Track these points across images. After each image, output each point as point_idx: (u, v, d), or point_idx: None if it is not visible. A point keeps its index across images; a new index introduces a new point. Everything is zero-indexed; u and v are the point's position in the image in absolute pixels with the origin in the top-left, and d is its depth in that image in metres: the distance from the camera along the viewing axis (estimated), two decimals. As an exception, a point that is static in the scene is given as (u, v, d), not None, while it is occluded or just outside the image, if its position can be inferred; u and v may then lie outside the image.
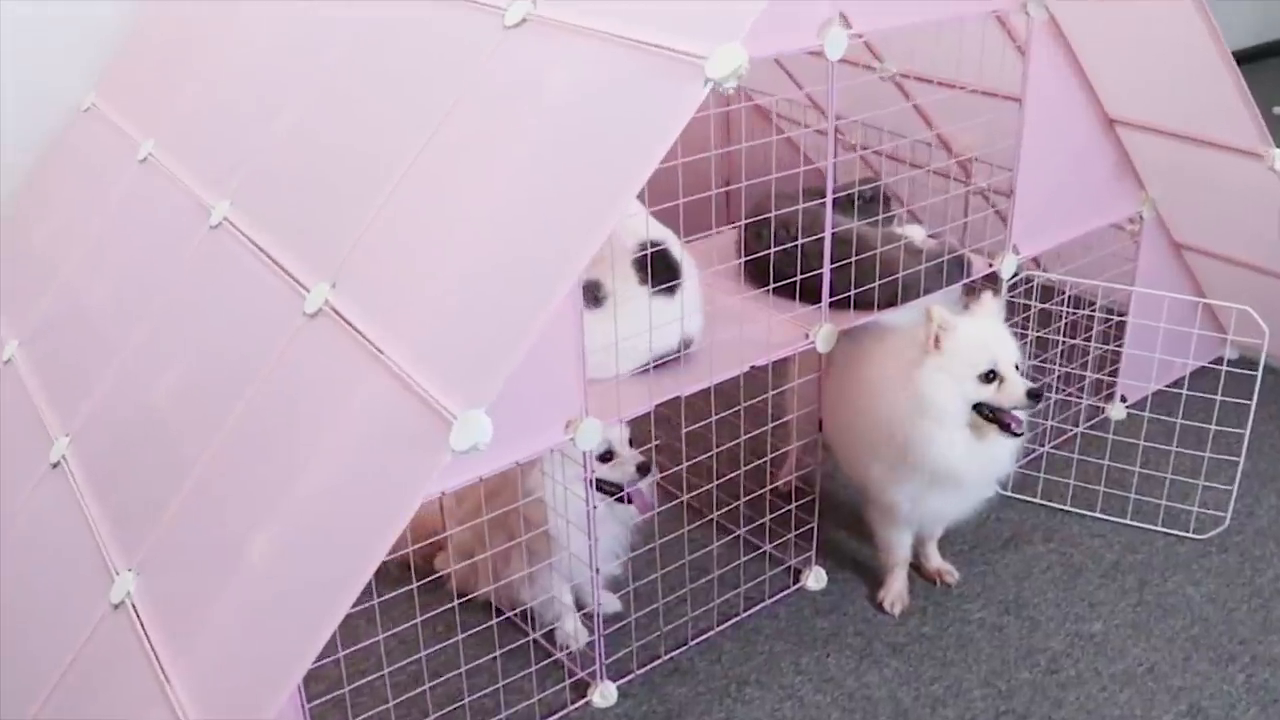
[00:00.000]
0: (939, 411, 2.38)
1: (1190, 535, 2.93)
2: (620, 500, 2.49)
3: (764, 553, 2.89)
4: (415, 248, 2.12)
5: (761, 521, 2.85)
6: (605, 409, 2.24)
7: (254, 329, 2.29)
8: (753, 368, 2.46)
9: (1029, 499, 3.08)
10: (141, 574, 2.08)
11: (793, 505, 2.74)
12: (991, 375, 2.39)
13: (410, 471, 1.74)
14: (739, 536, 2.89)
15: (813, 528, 2.77)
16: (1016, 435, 2.42)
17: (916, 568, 2.84)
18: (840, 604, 2.77)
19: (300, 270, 2.26)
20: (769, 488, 2.90)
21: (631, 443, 2.47)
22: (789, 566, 2.86)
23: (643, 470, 2.46)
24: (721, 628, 2.70)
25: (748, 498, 2.74)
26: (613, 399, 2.25)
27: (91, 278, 2.93)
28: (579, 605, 2.69)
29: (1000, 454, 2.47)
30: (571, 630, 2.67)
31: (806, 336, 2.53)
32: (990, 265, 2.87)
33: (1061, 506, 3.05)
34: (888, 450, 2.47)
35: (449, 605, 2.50)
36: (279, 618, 1.83)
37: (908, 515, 2.60)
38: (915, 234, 2.91)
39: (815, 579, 2.81)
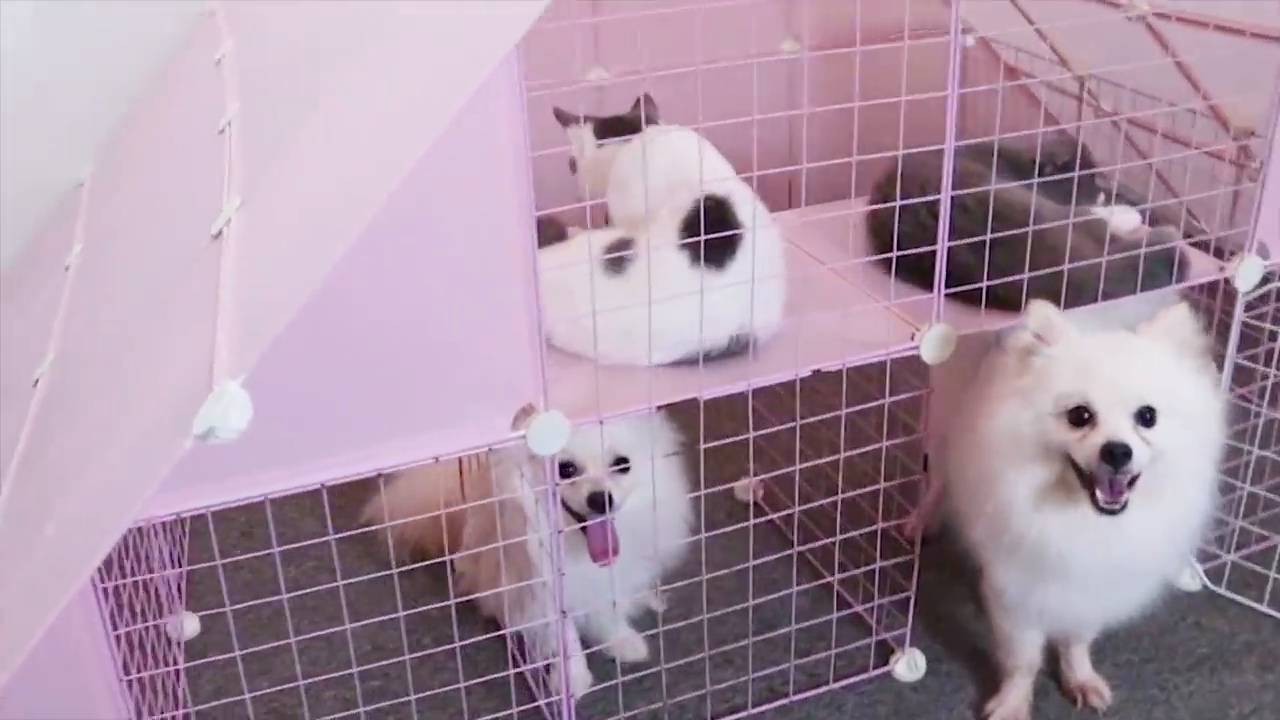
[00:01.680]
0: (1006, 450, 1.65)
1: None
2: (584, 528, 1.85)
3: (853, 614, 2.18)
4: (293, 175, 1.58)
5: (854, 573, 2.14)
6: (578, 404, 1.62)
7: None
8: (818, 371, 1.76)
9: (1252, 603, 2.20)
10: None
11: (881, 560, 2.02)
12: (1082, 416, 1.61)
13: (148, 464, 1.19)
14: (829, 587, 2.21)
15: (909, 598, 2.04)
16: (1103, 510, 1.62)
17: (1056, 676, 2.05)
18: (933, 706, 2.03)
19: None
20: (878, 527, 2.12)
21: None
22: (880, 640, 2.14)
23: (594, 504, 1.80)
24: (761, 709, 2.03)
25: (844, 536, 2.04)
26: (588, 392, 1.64)
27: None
28: (590, 643, 2.10)
29: (1139, 533, 1.66)
30: (572, 674, 2.08)
31: (912, 339, 1.80)
32: (1221, 270, 2.01)
33: (1298, 622, 2.16)
34: (981, 505, 1.73)
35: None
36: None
37: (1018, 605, 1.83)
38: (1121, 220, 2.09)
39: (908, 666, 2.09)
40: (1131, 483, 1.61)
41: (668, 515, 1.94)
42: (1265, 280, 2.03)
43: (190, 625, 2.26)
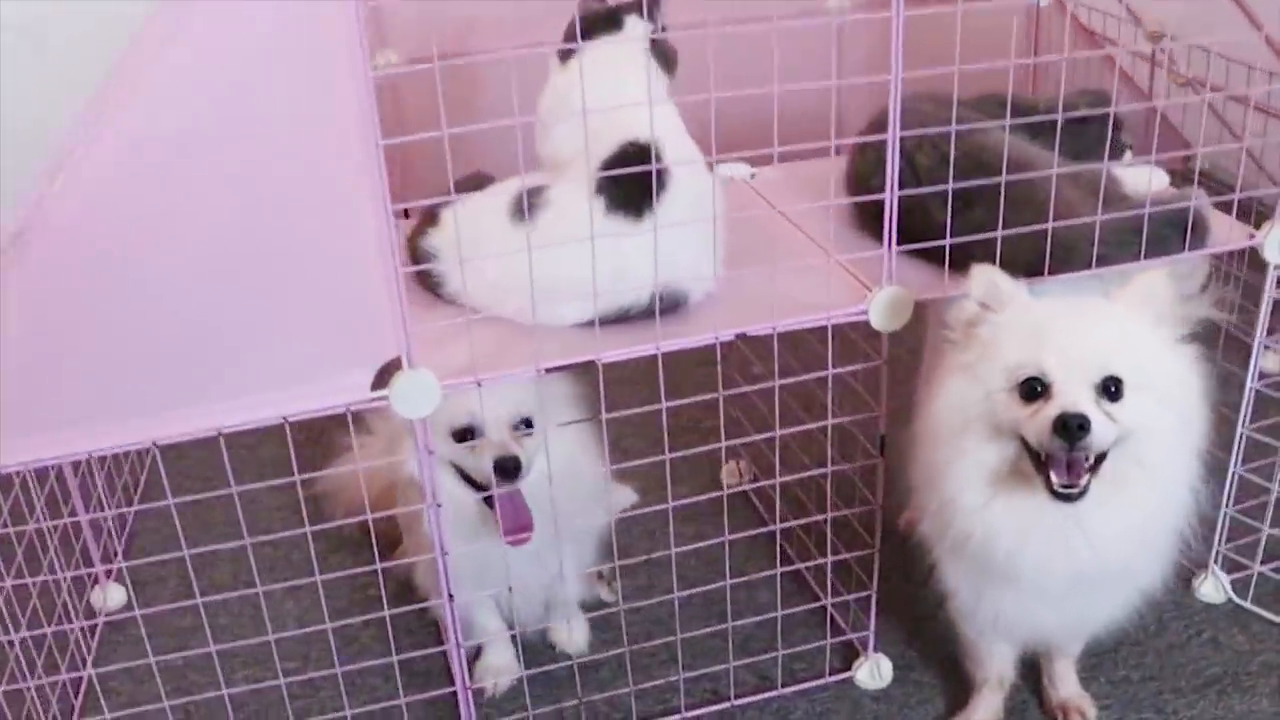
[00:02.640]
0: (950, 434, 1.42)
1: None
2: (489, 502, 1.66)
3: (822, 612, 1.96)
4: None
5: (815, 563, 1.93)
6: (465, 364, 1.44)
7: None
8: (743, 336, 1.54)
9: (1276, 618, 1.92)
10: None
11: (845, 552, 1.80)
12: (1035, 389, 1.36)
13: None
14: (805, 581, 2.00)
15: (870, 596, 1.81)
16: (1058, 496, 1.36)
17: (1040, 691, 1.81)
18: (895, 718, 1.80)
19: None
20: (827, 516, 1.83)
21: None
22: (846, 641, 1.92)
23: (502, 470, 1.60)
24: (698, 712, 1.82)
25: (788, 525, 1.84)
26: (481, 352, 1.45)
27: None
28: (522, 634, 1.92)
29: (1103, 529, 1.41)
30: (494, 664, 1.91)
31: (863, 302, 1.57)
32: (1251, 238, 1.73)
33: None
34: (927, 498, 1.50)
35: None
36: None
37: (971, 611, 1.59)
38: (1135, 177, 1.82)
39: (871, 672, 1.86)
40: (1095, 467, 1.37)
41: (582, 487, 1.75)
42: (1303, 250, 1.74)
43: (115, 596, 2.14)
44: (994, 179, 1.60)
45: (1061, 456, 1.35)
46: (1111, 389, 1.35)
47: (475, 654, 1.93)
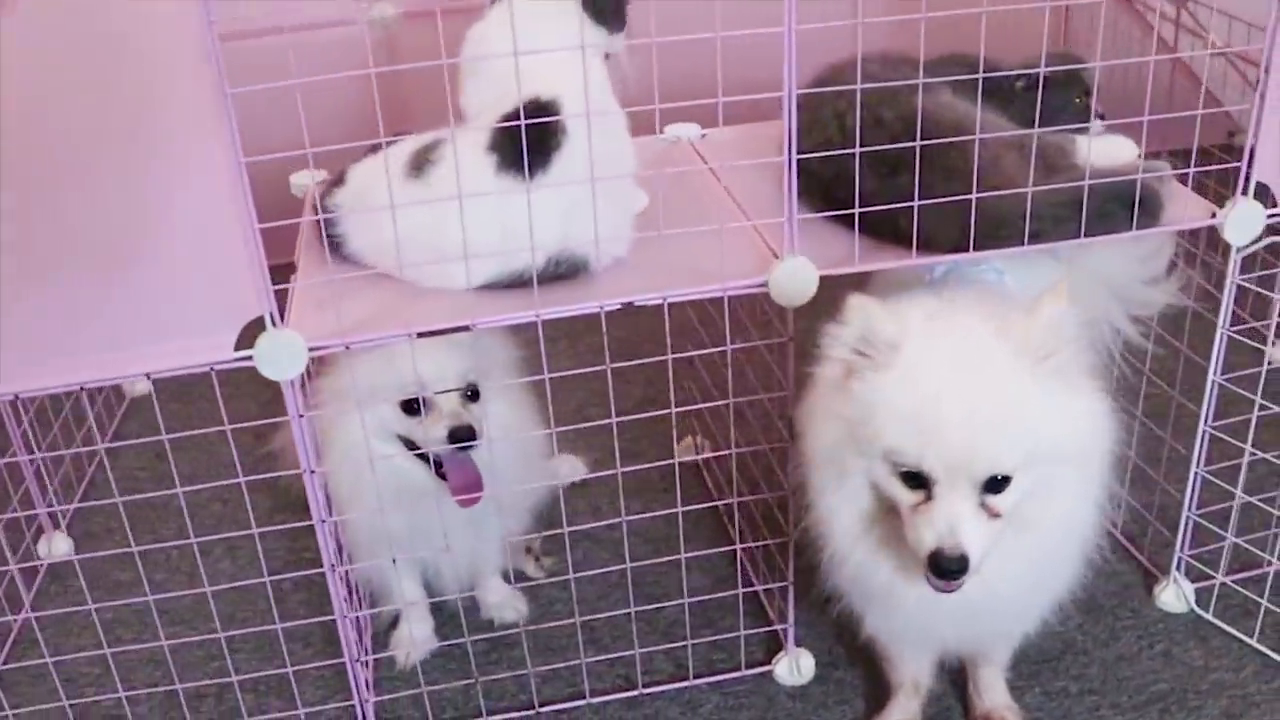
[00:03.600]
0: (829, 473, 1.33)
1: None
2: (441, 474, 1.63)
3: (752, 601, 1.87)
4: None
5: (735, 547, 1.85)
6: (345, 327, 1.39)
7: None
8: (630, 305, 1.46)
9: (1241, 635, 1.79)
10: None
11: (767, 539, 1.71)
12: (918, 480, 1.25)
13: None
14: (736, 561, 1.92)
15: (787, 587, 1.72)
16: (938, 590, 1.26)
17: (966, 701, 1.70)
18: (807, 719, 1.71)
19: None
20: (734, 500, 1.78)
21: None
22: (772, 632, 1.83)
23: (457, 439, 1.57)
24: (604, 699, 1.76)
25: (679, 510, 1.76)
26: (366, 315, 1.41)
27: None
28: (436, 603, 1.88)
29: (998, 569, 1.29)
30: (411, 636, 1.86)
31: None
32: (1213, 217, 1.59)
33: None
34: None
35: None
36: None
37: (866, 620, 1.49)
38: (1105, 150, 1.68)
39: (789, 668, 1.77)
40: None
41: (521, 451, 1.71)
42: (1272, 232, 1.59)
43: (60, 546, 2.14)
44: (916, 144, 1.50)
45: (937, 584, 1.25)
46: (999, 479, 1.23)
47: (393, 622, 1.89)
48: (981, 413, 1.21)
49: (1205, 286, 1.80)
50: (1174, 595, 1.85)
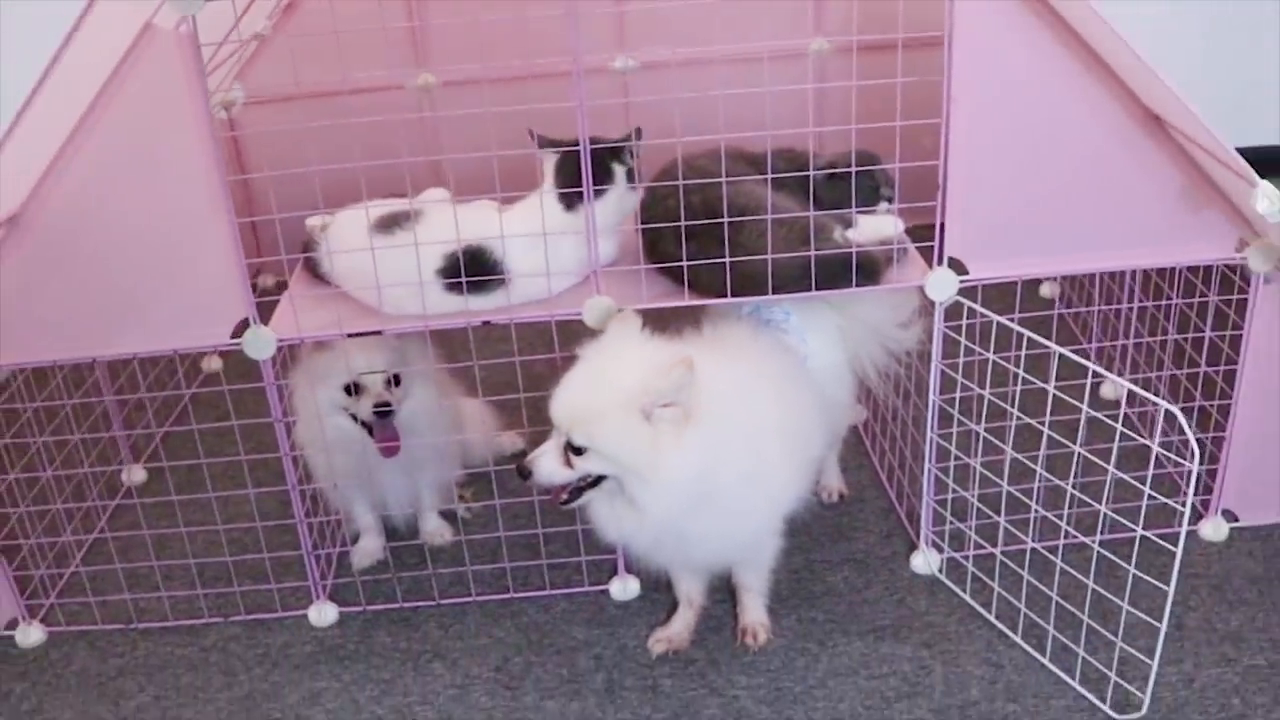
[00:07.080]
0: None
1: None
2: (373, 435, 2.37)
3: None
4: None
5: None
6: (289, 325, 2.15)
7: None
8: (488, 323, 2.17)
9: (960, 591, 2.38)
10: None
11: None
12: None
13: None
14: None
15: (618, 528, 2.39)
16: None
17: (735, 617, 2.35)
18: (620, 623, 2.38)
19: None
20: None
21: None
22: (614, 559, 2.50)
23: (379, 412, 2.32)
24: (489, 598, 2.46)
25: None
26: (324, 321, 2.18)
27: None
28: (394, 527, 2.63)
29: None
30: (364, 548, 2.61)
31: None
32: (923, 276, 2.20)
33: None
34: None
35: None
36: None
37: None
38: (870, 226, 2.30)
39: (620, 588, 2.44)
40: (592, 486, 1.98)
41: (434, 420, 2.43)
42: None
43: (137, 475, 2.95)
44: (703, 221, 2.15)
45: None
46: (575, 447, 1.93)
47: (355, 539, 2.63)
48: (576, 397, 1.93)
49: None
50: (922, 561, 2.46)
